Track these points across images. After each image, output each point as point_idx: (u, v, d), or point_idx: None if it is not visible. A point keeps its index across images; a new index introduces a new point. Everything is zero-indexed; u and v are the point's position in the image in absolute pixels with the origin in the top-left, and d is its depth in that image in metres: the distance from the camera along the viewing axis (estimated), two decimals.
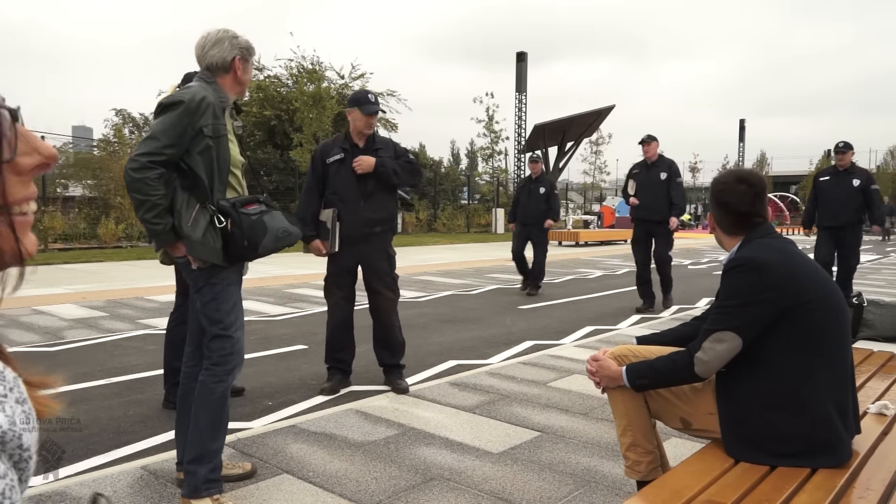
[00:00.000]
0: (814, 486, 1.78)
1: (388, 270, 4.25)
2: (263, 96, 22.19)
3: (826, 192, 7.19)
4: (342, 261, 4.18)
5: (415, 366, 4.96)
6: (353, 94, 4.30)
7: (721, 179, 2.20)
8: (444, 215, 26.48)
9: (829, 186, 7.17)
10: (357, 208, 4.09)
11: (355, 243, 4.13)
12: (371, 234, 4.14)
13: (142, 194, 2.41)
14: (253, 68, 2.76)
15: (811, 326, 1.93)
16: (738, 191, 2.12)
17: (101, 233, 15.75)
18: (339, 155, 4.16)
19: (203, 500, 2.55)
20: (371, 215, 4.12)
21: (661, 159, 7.51)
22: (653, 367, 2.12)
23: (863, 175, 7.14)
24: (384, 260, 4.23)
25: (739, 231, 2.14)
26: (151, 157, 2.41)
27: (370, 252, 4.17)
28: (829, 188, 7.17)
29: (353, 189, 4.10)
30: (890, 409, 2.31)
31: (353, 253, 4.15)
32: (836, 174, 7.19)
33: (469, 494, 2.75)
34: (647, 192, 7.39)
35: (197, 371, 2.67)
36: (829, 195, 7.14)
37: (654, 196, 7.35)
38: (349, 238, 4.11)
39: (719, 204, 2.16)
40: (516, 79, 30.43)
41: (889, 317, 3.65)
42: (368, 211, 4.11)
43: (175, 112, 2.45)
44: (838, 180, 7.12)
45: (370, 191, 4.12)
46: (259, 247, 2.55)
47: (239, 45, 2.61)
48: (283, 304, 7.97)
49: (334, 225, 4.10)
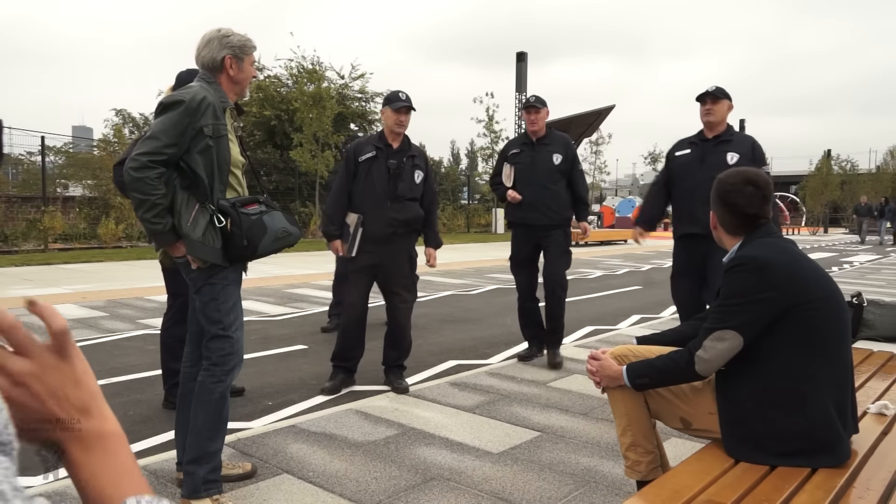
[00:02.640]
0: (814, 486, 1.78)
1: (408, 272, 4.27)
2: (263, 96, 22.18)
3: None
4: (364, 259, 4.18)
5: (415, 366, 4.96)
6: (385, 95, 4.33)
7: (728, 180, 2.17)
8: (444, 215, 26.49)
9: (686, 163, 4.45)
10: (384, 208, 4.11)
11: (380, 243, 4.14)
12: (394, 235, 4.15)
13: (142, 194, 2.41)
14: (252, 67, 2.69)
15: (812, 326, 1.93)
16: (746, 193, 2.10)
17: (101, 233, 15.75)
18: (372, 153, 4.16)
19: (203, 500, 2.55)
20: (397, 216, 4.13)
21: (552, 135, 5.02)
22: (653, 366, 2.12)
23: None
24: (405, 261, 4.24)
25: (742, 231, 2.13)
26: (151, 156, 2.40)
27: (393, 252, 4.18)
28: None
29: (382, 189, 4.12)
30: (890, 409, 2.31)
31: (376, 252, 4.16)
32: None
33: (469, 494, 2.75)
34: (534, 182, 4.88)
35: (196, 371, 2.66)
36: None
37: (543, 188, 4.86)
38: (373, 237, 4.13)
39: (725, 204, 2.15)
40: (516, 79, 30.43)
41: (889, 317, 3.65)
42: (395, 212, 4.13)
43: (175, 111, 2.45)
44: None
45: (399, 193, 4.14)
46: (258, 247, 2.55)
47: (229, 45, 2.58)
48: (283, 304, 7.97)
49: (356, 230, 4.13)
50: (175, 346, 3.68)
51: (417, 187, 4.25)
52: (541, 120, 4.94)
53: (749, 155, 4.10)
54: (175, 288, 3.75)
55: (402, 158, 4.19)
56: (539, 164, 4.90)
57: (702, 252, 4.10)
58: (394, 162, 4.16)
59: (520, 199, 4.88)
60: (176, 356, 3.56)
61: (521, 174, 4.94)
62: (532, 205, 4.87)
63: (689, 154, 4.29)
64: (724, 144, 4.19)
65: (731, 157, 4.12)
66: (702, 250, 4.09)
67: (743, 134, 4.35)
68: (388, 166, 4.14)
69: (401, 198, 4.15)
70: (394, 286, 4.23)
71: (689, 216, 4.16)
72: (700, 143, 4.34)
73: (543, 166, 4.89)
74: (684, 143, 4.39)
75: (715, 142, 4.21)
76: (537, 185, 4.87)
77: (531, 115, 4.95)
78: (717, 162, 4.04)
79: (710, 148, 4.21)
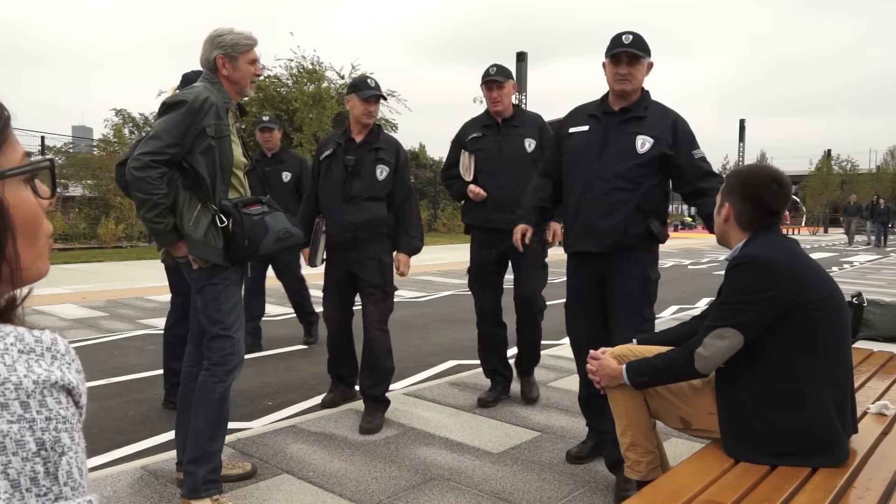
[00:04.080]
0: (814, 486, 1.78)
1: (377, 281, 3.62)
2: (263, 96, 22.20)
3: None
4: (333, 269, 3.75)
5: (415, 366, 4.97)
6: (351, 81, 3.81)
7: (754, 175, 2.12)
8: (444, 215, 26.49)
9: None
10: (340, 211, 3.60)
11: (343, 250, 3.64)
12: (356, 240, 3.59)
13: (144, 193, 2.41)
14: (250, 65, 2.66)
15: (814, 327, 1.93)
16: (772, 190, 2.07)
17: (101, 233, 15.77)
18: (331, 150, 3.68)
19: (203, 500, 2.55)
20: (352, 219, 3.57)
21: (521, 114, 3.99)
22: (652, 364, 2.12)
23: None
24: (373, 269, 3.62)
25: (753, 228, 2.10)
26: (154, 156, 2.41)
27: (359, 259, 3.63)
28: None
29: (336, 190, 3.62)
30: (890, 409, 2.31)
31: (343, 260, 3.67)
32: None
33: (469, 494, 2.75)
34: (501, 174, 3.84)
35: (197, 371, 2.67)
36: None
37: (513, 182, 3.76)
38: (335, 244, 3.66)
39: (749, 198, 2.09)
40: (516, 79, 30.44)
41: (889, 317, 3.65)
42: (350, 214, 3.57)
43: (178, 111, 2.45)
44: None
45: (354, 193, 3.58)
46: (260, 247, 2.55)
47: (221, 44, 2.57)
48: (284, 304, 7.97)
49: (318, 237, 3.68)
50: (176, 345, 3.67)
51: (380, 185, 3.60)
52: (505, 97, 3.86)
53: (667, 140, 2.81)
54: (178, 287, 3.75)
55: (364, 153, 3.61)
56: (507, 152, 3.84)
57: (599, 275, 2.88)
58: (352, 158, 3.59)
59: (484, 197, 3.86)
60: (177, 355, 3.56)
61: (484, 164, 3.87)
62: (498, 203, 3.79)
63: (586, 133, 2.91)
64: (634, 123, 2.83)
65: (640, 141, 2.80)
66: (599, 272, 2.87)
67: (664, 107, 2.91)
68: (346, 163, 3.60)
69: (356, 198, 3.57)
70: (364, 299, 3.67)
71: (584, 226, 2.86)
72: (603, 116, 2.93)
73: (513, 154, 3.82)
74: (581, 115, 2.98)
75: (622, 116, 2.85)
76: (505, 177, 3.80)
77: (493, 91, 3.85)
78: (624, 146, 2.81)
79: (614, 125, 2.86)
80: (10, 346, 0.59)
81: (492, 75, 3.86)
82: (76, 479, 0.59)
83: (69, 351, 0.64)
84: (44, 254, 0.71)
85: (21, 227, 0.66)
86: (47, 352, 0.62)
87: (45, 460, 0.57)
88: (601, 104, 2.95)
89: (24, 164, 0.67)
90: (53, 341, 0.63)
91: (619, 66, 2.81)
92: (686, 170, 2.85)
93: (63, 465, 0.58)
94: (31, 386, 0.58)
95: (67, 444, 0.59)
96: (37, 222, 0.69)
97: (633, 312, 2.80)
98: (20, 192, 0.67)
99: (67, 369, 0.62)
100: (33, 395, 0.58)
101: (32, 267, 0.69)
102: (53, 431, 0.58)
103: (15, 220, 0.65)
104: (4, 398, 0.56)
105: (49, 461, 0.57)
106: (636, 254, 2.83)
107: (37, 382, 0.58)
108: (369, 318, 3.64)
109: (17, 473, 0.55)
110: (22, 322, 0.66)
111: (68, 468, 0.58)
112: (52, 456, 0.57)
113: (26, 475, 0.56)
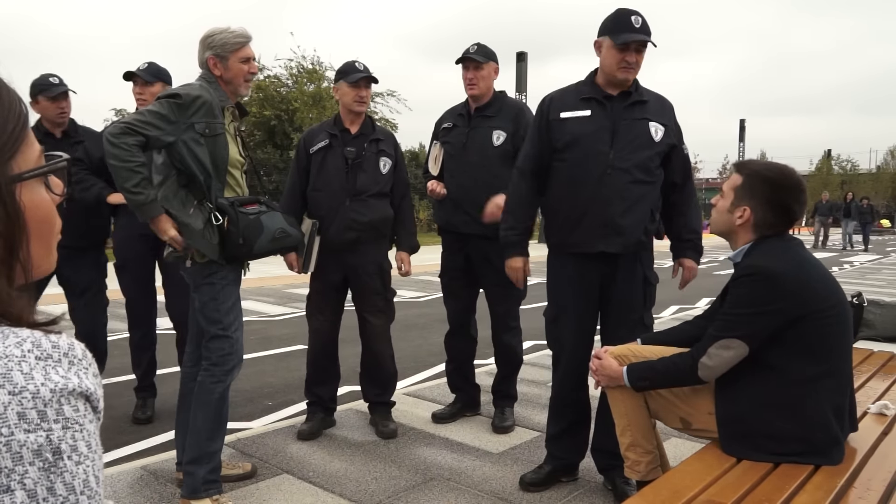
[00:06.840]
0: (814, 486, 1.78)
1: (378, 288, 3.39)
2: (263, 96, 22.20)
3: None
4: (326, 275, 3.39)
5: (415, 366, 4.97)
6: (338, 69, 3.40)
7: (785, 180, 2.03)
8: None
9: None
10: (342, 208, 3.26)
11: (340, 253, 3.31)
12: (358, 243, 3.30)
13: (120, 161, 2.36)
14: (243, 63, 2.64)
15: (818, 335, 1.92)
16: (801, 200, 2.04)
17: None
18: (324, 142, 3.34)
19: (202, 500, 2.55)
20: (359, 217, 3.27)
21: (499, 102, 3.51)
22: (654, 369, 2.12)
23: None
24: (374, 275, 3.37)
25: (765, 232, 2.05)
26: (131, 125, 2.38)
27: (358, 265, 3.34)
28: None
29: (340, 184, 3.29)
30: (890, 409, 2.31)
31: (339, 265, 3.36)
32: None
33: (469, 494, 2.75)
34: (463, 171, 3.45)
35: (196, 371, 2.66)
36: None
37: (474, 180, 3.40)
38: (332, 246, 3.29)
39: (777, 205, 2.02)
40: (516, 78, 30.40)
41: (889, 317, 3.65)
42: (356, 212, 3.27)
43: (167, 102, 2.46)
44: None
45: (360, 188, 3.29)
46: (254, 246, 2.55)
47: (211, 45, 2.57)
48: (283, 304, 7.97)
49: (312, 240, 3.27)
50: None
51: (385, 179, 3.35)
52: (482, 80, 3.41)
53: (672, 128, 2.71)
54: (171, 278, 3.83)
55: (364, 144, 3.32)
56: (471, 146, 3.42)
57: (602, 279, 2.70)
58: (352, 150, 3.30)
59: (443, 196, 3.51)
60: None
61: (448, 159, 3.51)
62: (456, 204, 3.44)
63: (589, 118, 2.69)
64: (640, 107, 2.68)
65: (654, 128, 2.65)
66: (603, 275, 2.69)
67: (654, 92, 2.77)
68: (346, 155, 3.29)
69: (362, 193, 3.28)
70: (362, 307, 3.42)
71: (600, 224, 2.62)
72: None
73: (477, 149, 3.41)
74: (572, 99, 2.75)
75: (626, 101, 2.67)
76: (465, 176, 3.41)
77: (468, 71, 3.42)
78: (638, 133, 2.63)
79: (619, 110, 2.67)
80: (27, 353, 0.59)
81: (470, 53, 3.43)
82: (92, 488, 0.59)
83: (86, 356, 0.64)
84: (53, 249, 0.72)
85: (36, 228, 0.67)
86: (64, 357, 0.61)
87: (61, 470, 0.57)
88: (592, 87, 2.69)
89: (41, 165, 0.69)
90: (70, 346, 0.63)
91: (626, 54, 2.57)
92: (677, 164, 2.72)
93: (80, 474, 0.58)
94: (49, 395, 0.58)
95: (84, 453, 0.59)
96: (51, 222, 0.70)
97: (636, 318, 2.69)
98: (36, 194, 0.68)
99: (84, 375, 0.62)
100: (50, 404, 0.58)
101: (44, 263, 0.70)
102: (70, 440, 0.58)
103: (31, 223, 0.66)
104: (22, 408, 0.56)
105: (66, 470, 0.57)
106: (642, 254, 2.70)
107: (54, 391, 0.59)
108: (373, 332, 3.42)
109: (34, 484, 0.56)
110: (36, 324, 0.65)
111: (84, 477, 0.59)
112: (68, 465, 0.58)
113: (43, 485, 0.56)
